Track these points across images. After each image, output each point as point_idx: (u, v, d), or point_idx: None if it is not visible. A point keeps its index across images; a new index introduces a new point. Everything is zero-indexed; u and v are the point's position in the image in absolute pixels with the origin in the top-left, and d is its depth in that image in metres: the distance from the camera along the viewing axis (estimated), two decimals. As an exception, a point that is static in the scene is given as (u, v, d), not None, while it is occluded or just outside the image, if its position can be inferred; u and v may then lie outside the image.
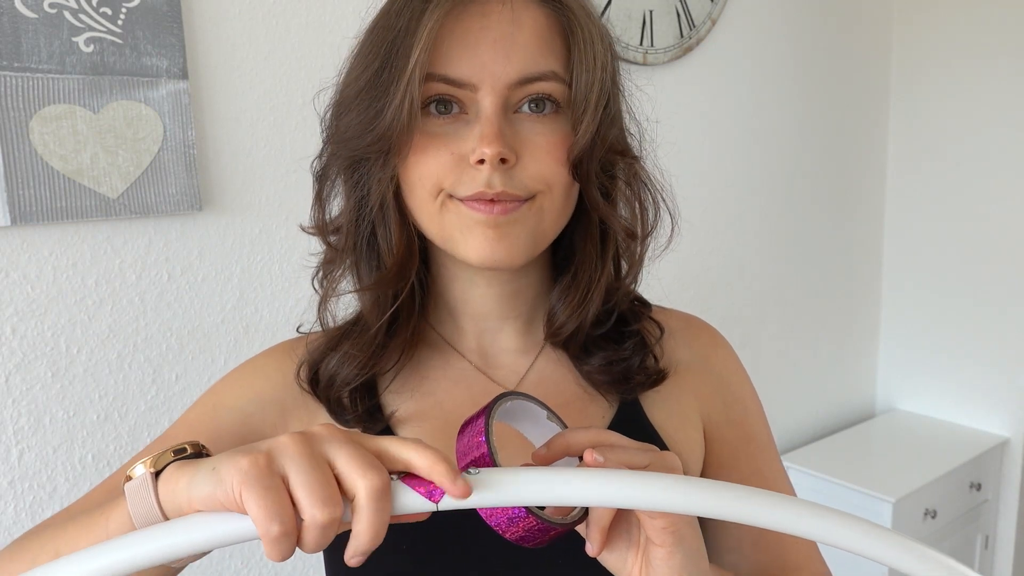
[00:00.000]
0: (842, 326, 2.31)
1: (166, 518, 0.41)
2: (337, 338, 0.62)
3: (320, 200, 0.60)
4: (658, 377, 0.62)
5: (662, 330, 0.66)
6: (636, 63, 1.66)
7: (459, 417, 0.56)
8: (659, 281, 1.79)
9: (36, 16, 1.00)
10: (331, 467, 0.38)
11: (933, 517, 1.92)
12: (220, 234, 1.19)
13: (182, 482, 0.40)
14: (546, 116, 0.54)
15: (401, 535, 0.55)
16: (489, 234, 0.53)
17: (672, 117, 1.78)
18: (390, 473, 0.40)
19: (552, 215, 0.56)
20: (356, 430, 0.44)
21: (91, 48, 1.04)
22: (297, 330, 0.67)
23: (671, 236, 0.65)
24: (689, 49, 1.75)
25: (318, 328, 0.64)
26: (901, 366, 2.38)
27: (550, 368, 0.64)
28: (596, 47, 0.53)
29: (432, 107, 0.53)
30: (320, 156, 0.60)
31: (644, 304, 0.68)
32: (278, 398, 0.62)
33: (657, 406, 0.63)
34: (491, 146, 0.51)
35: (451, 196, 0.54)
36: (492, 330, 0.63)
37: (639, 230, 0.62)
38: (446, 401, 0.61)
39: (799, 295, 2.16)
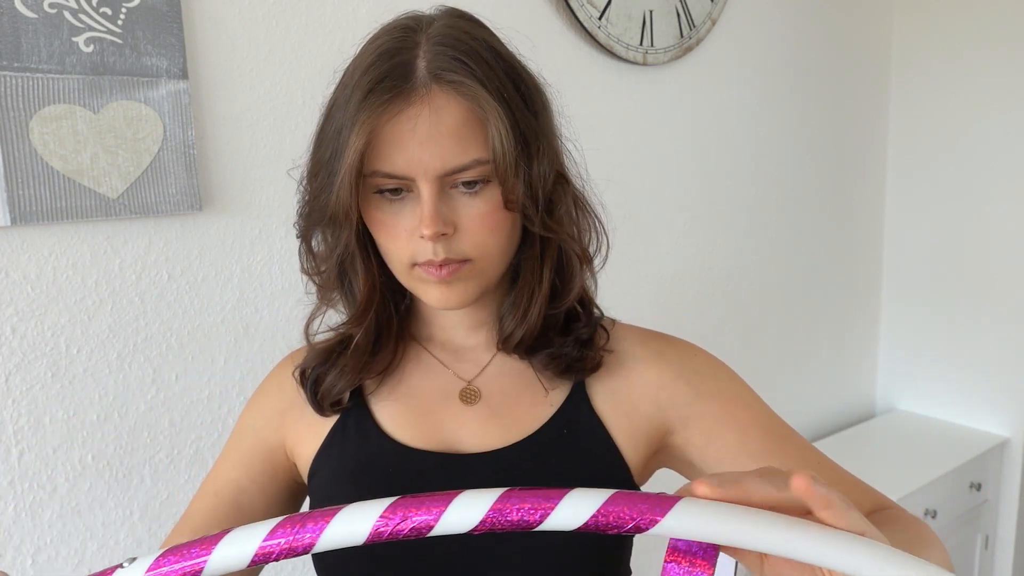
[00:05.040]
0: (842, 326, 2.31)
1: None
2: (330, 353, 0.74)
3: (309, 251, 0.72)
4: (596, 364, 0.72)
5: (607, 332, 0.75)
6: (636, 63, 1.66)
7: (427, 401, 0.73)
8: (660, 280, 1.80)
9: (36, 16, 1.00)
10: None
11: (933, 517, 1.92)
12: (220, 234, 1.19)
13: None
14: (477, 192, 0.64)
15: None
16: (442, 289, 0.66)
17: (672, 117, 1.78)
18: None
19: (492, 270, 0.67)
20: None
21: (91, 48, 1.04)
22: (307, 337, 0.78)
23: (606, 255, 0.75)
24: (689, 49, 1.75)
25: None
26: (901, 366, 2.38)
27: (509, 363, 0.74)
28: (504, 127, 0.61)
29: (384, 192, 0.64)
30: (299, 217, 0.72)
31: (592, 311, 0.76)
32: (277, 407, 0.78)
33: (601, 395, 0.73)
34: (429, 228, 0.62)
35: (413, 265, 0.66)
36: (460, 336, 0.75)
37: (581, 248, 0.72)
38: (417, 388, 0.74)
39: (799, 295, 2.16)
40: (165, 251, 1.14)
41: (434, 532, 0.40)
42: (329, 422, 0.74)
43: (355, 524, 0.40)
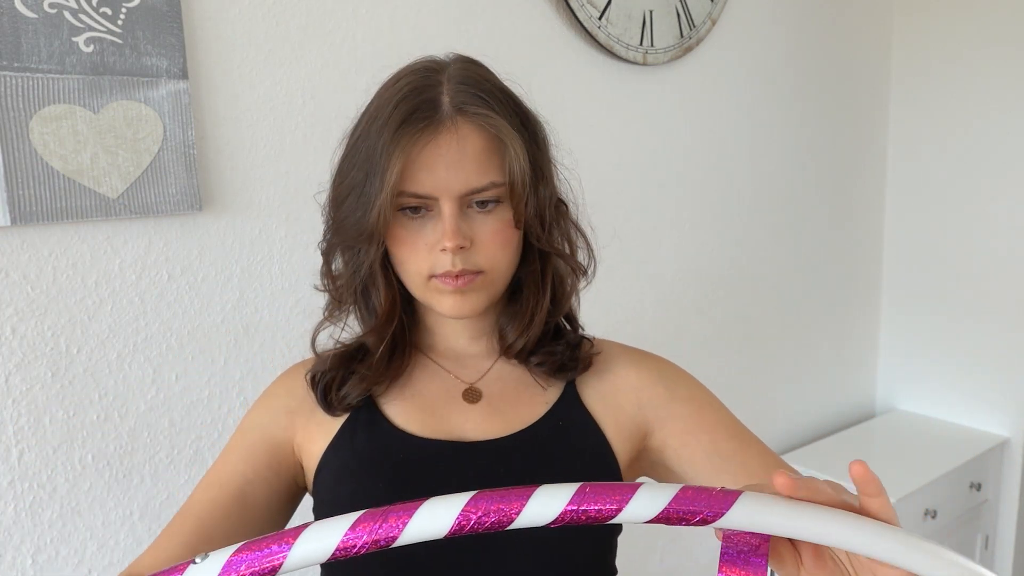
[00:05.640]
0: (842, 326, 2.31)
1: None
2: (346, 360, 0.79)
3: (329, 270, 0.79)
4: (587, 364, 0.81)
5: (591, 341, 0.84)
6: (636, 63, 1.66)
7: (433, 399, 0.79)
8: (661, 279, 1.80)
9: (36, 16, 1.00)
10: None
11: (933, 517, 1.92)
12: (220, 234, 1.19)
13: None
14: (491, 211, 0.73)
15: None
16: (456, 298, 0.73)
17: (672, 117, 1.78)
18: None
19: (500, 281, 0.75)
20: None
21: (91, 48, 1.04)
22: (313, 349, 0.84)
23: (594, 271, 0.83)
24: (689, 49, 1.75)
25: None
26: (901, 366, 2.38)
27: (508, 368, 0.82)
28: (522, 153, 0.72)
29: (408, 211, 0.72)
30: (324, 238, 0.79)
31: (576, 325, 0.86)
32: (285, 406, 0.82)
33: (591, 396, 0.81)
34: (451, 240, 0.70)
35: (430, 276, 0.73)
36: (462, 344, 0.82)
37: (576, 264, 0.81)
38: (423, 390, 0.81)
39: (799, 295, 2.16)
40: (165, 251, 1.14)
41: (514, 525, 0.42)
42: (339, 421, 0.79)
43: (439, 518, 0.42)
